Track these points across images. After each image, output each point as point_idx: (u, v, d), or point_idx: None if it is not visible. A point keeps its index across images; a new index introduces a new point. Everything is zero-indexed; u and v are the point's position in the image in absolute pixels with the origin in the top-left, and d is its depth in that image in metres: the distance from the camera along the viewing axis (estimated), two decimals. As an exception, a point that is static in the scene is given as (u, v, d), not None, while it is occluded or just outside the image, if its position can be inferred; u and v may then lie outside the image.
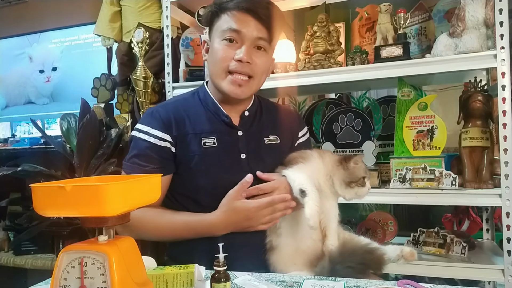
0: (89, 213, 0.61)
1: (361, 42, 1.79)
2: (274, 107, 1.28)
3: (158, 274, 0.85)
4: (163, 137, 1.10)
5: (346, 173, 1.04)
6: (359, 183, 1.04)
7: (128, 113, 2.16)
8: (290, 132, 1.24)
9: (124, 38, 2.32)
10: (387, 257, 1.01)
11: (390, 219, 1.72)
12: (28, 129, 3.49)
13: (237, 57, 1.06)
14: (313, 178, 1.04)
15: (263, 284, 0.88)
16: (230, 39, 1.07)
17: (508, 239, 1.32)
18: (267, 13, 1.07)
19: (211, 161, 1.09)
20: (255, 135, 1.16)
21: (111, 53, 2.59)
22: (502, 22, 1.32)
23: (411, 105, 1.56)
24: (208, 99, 1.16)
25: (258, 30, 1.07)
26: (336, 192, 1.06)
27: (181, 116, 1.13)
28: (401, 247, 1.03)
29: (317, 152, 1.12)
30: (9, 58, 3.65)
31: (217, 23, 1.10)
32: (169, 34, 1.79)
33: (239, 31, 1.06)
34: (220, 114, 1.14)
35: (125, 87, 2.22)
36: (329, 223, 1.05)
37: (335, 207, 1.08)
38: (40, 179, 1.91)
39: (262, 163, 1.13)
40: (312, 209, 0.96)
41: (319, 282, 0.90)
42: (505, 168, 1.32)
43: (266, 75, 1.17)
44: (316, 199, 0.98)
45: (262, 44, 1.09)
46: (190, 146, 1.10)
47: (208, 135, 1.11)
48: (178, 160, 1.11)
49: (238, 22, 1.06)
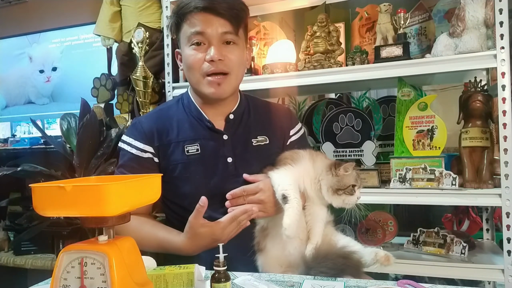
0: (89, 213, 0.62)
1: (361, 42, 1.79)
2: (264, 106, 1.25)
3: (158, 274, 0.85)
4: (144, 148, 1.11)
5: (335, 179, 1.01)
6: (347, 191, 1.00)
7: (128, 113, 2.16)
8: (280, 131, 1.22)
9: (124, 38, 2.32)
10: (363, 261, 0.98)
11: (390, 219, 1.72)
12: (28, 129, 3.49)
13: (208, 57, 1.06)
14: (299, 181, 1.02)
15: (263, 284, 0.88)
16: (197, 43, 1.07)
17: (508, 239, 1.32)
18: (225, 6, 1.06)
19: (195, 168, 1.10)
20: (241, 138, 1.15)
21: (111, 53, 2.59)
22: (502, 22, 1.32)
23: (411, 105, 1.56)
24: (191, 105, 1.17)
25: (221, 25, 1.06)
26: (323, 198, 1.03)
27: (163, 125, 1.14)
28: (376, 251, 0.99)
29: (309, 154, 1.09)
30: (9, 58, 3.64)
31: (182, 31, 1.11)
32: (169, 34, 1.79)
33: (203, 32, 1.06)
34: (203, 120, 1.14)
35: (125, 87, 2.22)
36: (315, 226, 1.04)
37: (323, 210, 1.06)
38: (40, 179, 1.91)
39: (249, 165, 1.12)
40: (291, 218, 0.94)
41: (319, 282, 0.90)
42: (505, 168, 1.32)
43: (244, 67, 1.17)
44: (297, 208, 0.96)
45: (230, 38, 1.08)
46: (174, 155, 1.11)
47: (191, 142, 1.11)
48: (162, 169, 1.12)
49: (200, 24, 1.06)
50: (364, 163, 1.66)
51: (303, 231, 1.04)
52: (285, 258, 1.04)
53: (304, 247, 1.03)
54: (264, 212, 1.06)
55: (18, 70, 3.62)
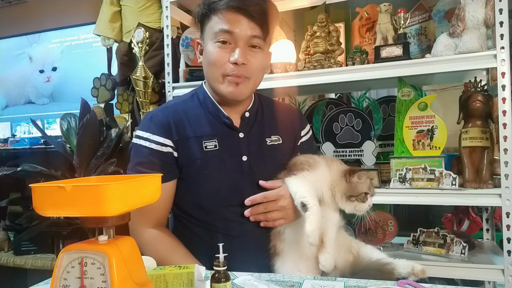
0: (89, 213, 0.61)
1: (361, 42, 1.79)
2: (275, 106, 1.25)
3: (158, 274, 0.85)
4: (164, 142, 1.07)
5: (348, 186, 1.02)
6: (360, 198, 1.01)
7: (128, 113, 2.17)
8: (292, 131, 1.22)
9: (124, 38, 2.32)
10: (397, 273, 0.98)
11: (390, 219, 1.72)
12: (28, 129, 3.49)
13: (232, 59, 1.03)
14: (317, 188, 1.02)
15: (263, 284, 0.88)
16: (223, 41, 1.04)
17: (508, 239, 1.32)
18: (258, 10, 1.03)
19: (213, 164, 1.07)
20: (256, 137, 1.14)
21: (111, 53, 2.60)
22: (502, 22, 1.32)
23: (411, 105, 1.56)
24: (208, 100, 1.14)
25: (251, 28, 1.03)
26: (336, 203, 1.03)
27: (180, 119, 1.10)
28: (412, 265, 0.99)
29: (325, 160, 1.09)
30: (9, 58, 3.65)
31: (208, 24, 1.07)
32: (169, 34, 1.79)
33: (231, 31, 1.02)
34: (220, 116, 1.11)
35: (125, 87, 2.22)
36: (328, 230, 1.03)
37: (335, 214, 1.06)
38: (40, 179, 1.91)
39: (263, 164, 1.11)
40: (314, 225, 0.94)
41: (319, 282, 0.90)
42: (505, 168, 1.32)
43: (264, 73, 1.16)
44: (318, 214, 0.96)
45: (257, 42, 1.06)
46: (192, 150, 1.08)
47: (210, 138, 1.09)
48: (180, 164, 1.09)
49: (230, 23, 1.02)
50: (364, 163, 1.66)
51: (320, 237, 1.04)
52: (303, 263, 1.03)
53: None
54: (284, 219, 1.05)
55: (18, 70, 3.62)
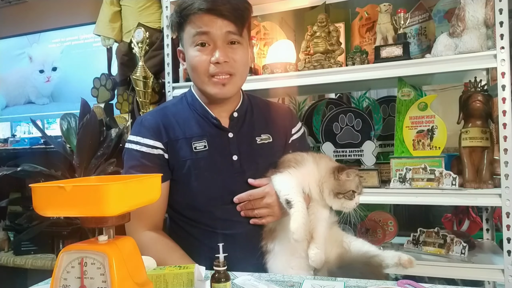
0: (89, 213, 0.61)
1: (361, 42, 1.79)
2: (265, 105, 1.26)
3: (158, 274, 0.85)
4: (154, 144, 1.10)
5: (336, 183, 1.02)
6: (347, 196, 1.02)
7: (128, 113, 2.16)
8: (283, 129, 1.23)
9: (124, 38, 2.32)
10: (385, 264, 1.00)
11: (390, 219, 1.72)
12: (28, 129, 3.49)
13: (213, 59, 1.06)
14: (303, 184, 1.03)
15: (263, 284, 0.88)
16: (202, 43, 1.07)
17: (508, 239, 1.32)
18: (229, 7, 1.05)
19: (204, 164, 1.09)
20: (246, 136, 1.16)
21: (111, 53, 2.59)
22: (502, 22, 1.32)
23: (411, 105, 1.56)
24: (196, 102, 1.16)
25: (225, 26, 1.06)
26: (323, 199, 1.04)
27: (170, 121, 1.13)
28: (399, 255, 1.01)
29: (313, 157, 1.10)
30: (9, 58, 3.65)
31: (185, 31, 1.10)
32: (169, 34, 1.79)
33: (207, 32, 1.05)
34: (209, 117, 1.14)
35: (125, 87, 2.22)
36: (317, 225, 1.04)
37: (326, 210, 1.07)
38: (40, 179, 1.91)
39: (254, 163, 1.13)
40: (298, 222, 0.95)
41: (319, 282, 0.90)
42: (505, 168, 1.32)
43: (248, 66, 1.17)
44: (302, 211, 0.97)
45: (234, 38, 1.08)
46: (182, 151, 1.10)
47: (199, 138, 1.11)
48: (171, 166, 1.11)
49: (204, 24, 1.05)
50: (364, 163, 1.65)
51: (309, 233, 1.05)
52: (295, 260, 1.04)
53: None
54: (272, 216, 1.07)
55: (18, 70, 3.62)
